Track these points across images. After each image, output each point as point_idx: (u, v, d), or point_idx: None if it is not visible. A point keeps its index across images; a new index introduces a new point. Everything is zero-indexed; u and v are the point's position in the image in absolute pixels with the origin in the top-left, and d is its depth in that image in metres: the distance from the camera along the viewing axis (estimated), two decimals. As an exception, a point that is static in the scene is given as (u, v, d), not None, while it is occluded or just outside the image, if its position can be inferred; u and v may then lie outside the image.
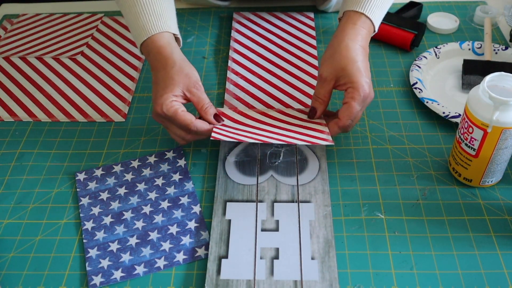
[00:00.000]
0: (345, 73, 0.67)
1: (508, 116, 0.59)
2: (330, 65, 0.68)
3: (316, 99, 0.71)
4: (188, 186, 0.70)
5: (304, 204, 0.66)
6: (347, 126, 0.68)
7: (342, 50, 0.68)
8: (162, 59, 0.69)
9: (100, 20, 1.02)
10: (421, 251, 0.62)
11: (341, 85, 0.68)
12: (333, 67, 0.68)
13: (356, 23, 0.70)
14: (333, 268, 0.59)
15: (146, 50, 0.71)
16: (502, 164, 0.65)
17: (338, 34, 0.70)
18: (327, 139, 0.68)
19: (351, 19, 0.70)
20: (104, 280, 0.60)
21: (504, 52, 0.86)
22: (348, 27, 0.70)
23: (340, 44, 0.68)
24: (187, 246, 0.63)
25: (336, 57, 0.68)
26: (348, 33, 0.69)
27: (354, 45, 0.68)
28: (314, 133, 0.69)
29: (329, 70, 0.68)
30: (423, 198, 0.67)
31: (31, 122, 0.82)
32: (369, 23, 0.70)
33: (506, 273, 0.59)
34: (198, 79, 0.70)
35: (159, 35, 0.70)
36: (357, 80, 0.66)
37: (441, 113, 0.76)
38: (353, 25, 0.69)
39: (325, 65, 0.69)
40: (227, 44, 0.95)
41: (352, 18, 0.70)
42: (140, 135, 0.78)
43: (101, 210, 0.68)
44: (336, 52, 0.68)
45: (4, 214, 0.69)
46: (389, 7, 0.74)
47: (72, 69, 0.91)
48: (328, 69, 0.68)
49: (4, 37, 1.00)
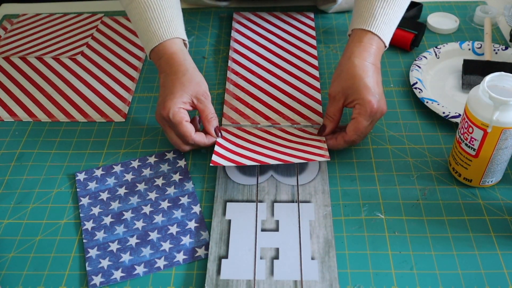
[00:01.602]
0: (352, 91, 0.68)
1: (508, 116, 0.59)
2: (338, 83, 0.70)
3: (327, 117, 0.72)
4: (188, 186, 0.70)
5: (304, 204, 0.66)
6: (353, 141, 0.69)
7: (349, 69, 0.69)
8: (175, 65, 0.71)
9: (100, 20, 1.02)
10: (421, 251, 0.62)
11: (350, 103, 0.69)
12: (341, 86, 0.69)
13: (362, 40, 0.70)
14: (333, 268, 0.59)
15: (157, 55, 0.72)
16: (502, 164, 0.65)
17: (346, 53, 0.71)
18: (324, 155, 0.68)
19: (358, 37, 0.71)
20: (104, 280, 0.60)
21: (504, 52, 0.86)
22: (355, 45, 0.70)
23: (347, 63, 0.69)
24: (187, 246, 0.63)
25: (343, 76, 0.69)
26: (354, 51, 0.70)
27: (361, 63, 0.69)
28: (312, 149, 0.69)
29: (338, 89, 0.69)
30: (423, 198, 0.67)
31: (31, 122, 0.82)
32: (377, 39, 0.70)
33: (506, 273, 0.59)
34: (207, 88, 0.72)
35: (171, 41, 0.72)
36: (364, 97, 0.67)
37: (441, 113, 0.76)
38: (359, 43, 0.70)
39: (334, 84, 0.71)
40: (227, 44, 0.95)
41: (359, 36, 0.71)
42: (140, 135, 0.78)
43: (101, 210, 0.68)
44: (343, 71, 0.70)
45: (4, 214, 0.69)
46: (399, 20, 0.73)
47: (72, 69, 0.91)
48: (337, 88, 0.70)
49: (4, 37, 1.00)
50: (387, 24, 0.71)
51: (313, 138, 0.72)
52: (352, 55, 0.69)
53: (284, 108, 0.80)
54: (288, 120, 0.78)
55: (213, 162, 0.68)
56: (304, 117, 0.78)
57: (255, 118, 0.78)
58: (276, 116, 0.79)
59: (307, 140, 0.72)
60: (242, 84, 0.85)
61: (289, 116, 0.79)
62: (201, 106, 0.71)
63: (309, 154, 0.69)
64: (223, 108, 0.80)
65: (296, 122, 0.77)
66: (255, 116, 0.79)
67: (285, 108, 0.80)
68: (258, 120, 0.78)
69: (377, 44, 0.70)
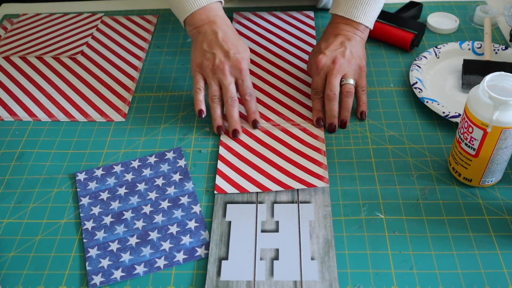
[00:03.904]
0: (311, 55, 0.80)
1: (508, 116, 0.59)
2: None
3: (312, 94, 0.80)
4: (188, 186, 0.70)
5: (304, 204, 0.66)
6: (317, 98, 0.78)
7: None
8: (230, 23, 0.79)
9: (100, 20, 1.02)
10: (421, 251, 0.62)
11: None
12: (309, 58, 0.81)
13: (332, 22, 0.81)
14: (333, 268, 0.60)
15: (208, 12, 0.77)
16: (502, 164, 0.65)
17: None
18: (323, 179, 0.68)
19: (331, 20, 0.82)
20: (104, 280, 0.60)
21: (504, 52, 0.86)
22: (327, 27, 0.83)
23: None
24: (187, 246, 0.63)
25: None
26: (325, 31, 0.82)
27: (325, 35, 0.80)
28: (312, 178, 0.69)
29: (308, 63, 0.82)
30: (423, 198, 0.67)
31: (31, 121, 0.82)
32: (345, 19, 0.79)
33: (506, 273, 0.59)
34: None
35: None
36: (313, 55, 0.79)
37: (441, 113, 0.76)
38: (330, 24, 0.82)
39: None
40: (227, 44, 0.95)
41: (332, 19, 0.82)
42: (140, 135, 0.78)
43: (101, 210, 0.68)
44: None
45: (4, 214, 0.69)
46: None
47: (72, 69, 0.91)
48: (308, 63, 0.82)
49: (4, 37, 1.00)
50: (357, 7, 0.78)
51: (314, 159, 0.72)
52: (322, 34, 0.82)
53: (284, 108, 0.80)
54: (288, 121, 0.78)
55: (217, 189, 0.68)
56: (304, 117, 0.78)
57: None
58: (276, 117, 0.79)
59: (308, 163, 0.71)
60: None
61: (289, 117, 0.79)
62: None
63: (309, 176, 0.69)
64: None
65: (296, 123, 0.77)
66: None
67: (285, 108, 0.80)
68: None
69: (348, 22, 0.79)
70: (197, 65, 0.76)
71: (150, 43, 0.97)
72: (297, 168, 0.70)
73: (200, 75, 0.76)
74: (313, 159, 0.71)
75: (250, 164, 0.71)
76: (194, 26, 0.77)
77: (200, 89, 0.76)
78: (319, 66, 0.76)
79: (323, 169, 0.70)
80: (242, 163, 0.72)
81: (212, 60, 0.74)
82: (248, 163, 0.72)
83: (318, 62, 0.76)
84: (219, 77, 0.75)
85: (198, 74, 0.76)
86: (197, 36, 0.77)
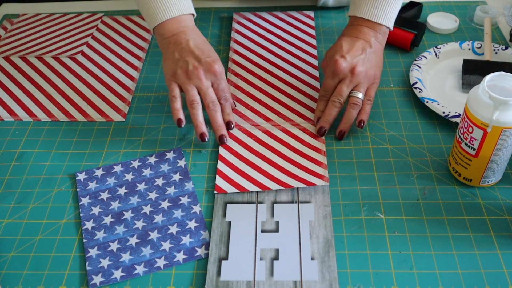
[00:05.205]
0: (329, 56, 0.77)
1: (508, 116, 0.59)
2: (326, 56, 0.78)
3: (319, 95, 0.78)
4: (188, 186, 0.70)
5: (304, 204, 0.66)
6: (322, 97, 0.77)
7: (335, 43, 0.78)
8: (199, 33, 0.78)
9: (100, 20, 1.02)
10: (421, 251, 0.62)
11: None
12: (327, 56, 0.78)
13: (353, 23, 0.78)
14: (333, 268, 0.60)
15: (178, 22, 0.77)
16: (502, 164, 0.65)
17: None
18: (323, 177, 0.68)
19: (350, 22, 0.79)
20: (104, 280, 0.60)
21: (504, 52, 0.86)
22: (346, 28, 0.79)
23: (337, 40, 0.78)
24: (187, 246, 0.63)
25: (331, 49, 0.78)
26: (344, 33, 0.79)
27: (346, 37, 0.77)
28: (312, 177, 0.69)
29: (325, 60, 0.78)
30: (423, 198, 0.67)
31: (31, 121, 0.82)
32: (368, 21, 0.76)
33: (506, 273, 0.59)
34: None
35: (188, 16, 0.79)
36: (333, 57, 0.75)
37: (441, 113, 0.76)
38: (350, 26, 0.78)
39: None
40: (227, 45, 0.95)
41: (351, 21, 0.79)
42: (140, 135, 0.78)
43: (101, 210, 0.68)
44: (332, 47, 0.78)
45: (4, 214, 0.69)
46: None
47: (72, 69, 0.91)
48: (325, 60, 0.78)
49: (4, 37, 1.00)
50: (377, 7, 0.76)
51: (314, 159, 0.72)
52: (342, 35, 0.78)
53: (284, 109, 0.80)
54: (288, 121, 0.78)
55: (217, 189, 0.68)
56: (304, 117, 0.78)
57: (255, 119, 0.78)
58: (276, 117, 0.79)
59: (308, 163, 0.71)
60: (242, 85, 0.85)
61: (289, 117, 0.79)
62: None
63: (309, 175, 0.69)
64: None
65: (296, 123, 0.77)
66: (254, 117, 0.79)
67: (285, 109, 0.80)
68: (258, 122, 0.78)
69: (368, 24, 0.76)
70: (171, 75, 0.75)
71: (150, 43, 0.97)
72: (297, 168, 0.70)
73: (174, 83, 0.75)
74: (313, 159, 0.71)
75: (250, 164, 0.71)
76: (164, 36, 0.77)
77: (176, 97, 0.74)
78: (335, 70, 0.74)
79: (323, 168, 0.70)
80: (242, 163, 0.72)
81: (185, 67, 0.74)
82: (248, 163, 0.72)
83: (337, 66, 0.73)
84: (195, 82, 0.74)
85: (172, 83, 0.75)
86: (167, 47, 0.76)
